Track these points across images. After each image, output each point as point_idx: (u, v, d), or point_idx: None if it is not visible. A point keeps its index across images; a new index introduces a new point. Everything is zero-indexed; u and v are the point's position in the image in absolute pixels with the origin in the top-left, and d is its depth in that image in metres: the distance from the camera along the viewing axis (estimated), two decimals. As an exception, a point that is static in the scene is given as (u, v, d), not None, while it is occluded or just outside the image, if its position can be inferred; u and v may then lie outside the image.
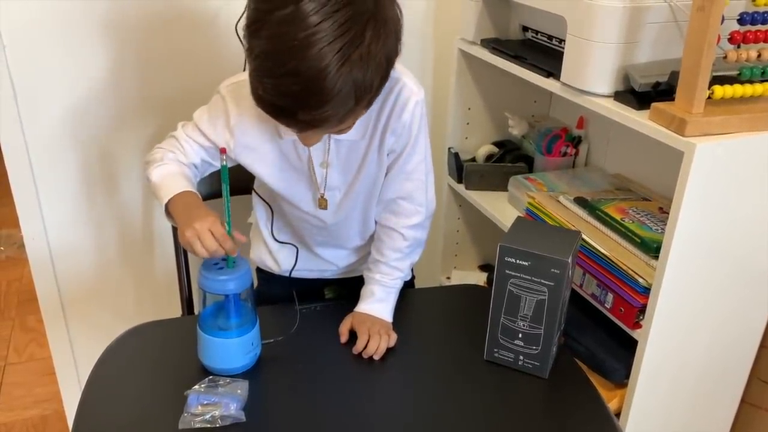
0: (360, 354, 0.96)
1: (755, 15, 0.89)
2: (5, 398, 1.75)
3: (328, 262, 1.11)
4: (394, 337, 0.98)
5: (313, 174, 0.97)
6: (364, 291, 1.04)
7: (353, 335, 0.98)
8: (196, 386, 0.86)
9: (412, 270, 1.23)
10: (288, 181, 0.98)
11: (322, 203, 0.99)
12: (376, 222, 1.06)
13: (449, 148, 1.45)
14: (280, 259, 1.11)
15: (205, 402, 0.84)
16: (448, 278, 1.58)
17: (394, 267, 1.04)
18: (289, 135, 0.92)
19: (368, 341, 0.95)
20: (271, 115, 0.80)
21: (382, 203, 1.03)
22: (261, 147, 0.95)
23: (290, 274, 1.10)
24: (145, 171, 0.97)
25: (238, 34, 1.17)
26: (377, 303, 1.01)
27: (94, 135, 1.29)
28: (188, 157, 0.98)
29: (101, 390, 0.90)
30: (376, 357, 0.95)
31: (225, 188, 0.84)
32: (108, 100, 1.27)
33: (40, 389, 1.77)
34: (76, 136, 1.28)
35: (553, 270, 0.85)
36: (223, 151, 0.83)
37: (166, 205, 0.91)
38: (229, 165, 0.94)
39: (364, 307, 1.01)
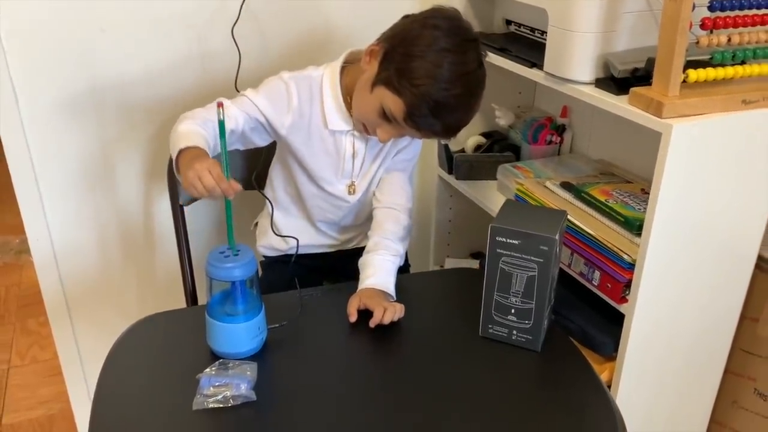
0: (360, 330, 1.00)
1: (724, 2, 0.94)
2: (10, 400, 1.78)
3: (330, 236, 1.26)
4: (402, 308, 1.03)
5: (343, 162, 1.14)
6: (366, 270, 1.08)
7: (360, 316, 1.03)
8: (207, 369, 0.90)
9: (407, 258, 1.29)
10: (322, 164, 1.14)
11: (352, 189, 1.17)
12: (372, 208, 1.18)
13: (439, 140, 1.50)
14: (287, 238, 1.21)
15: (217, 383, 0.88)
16: (442, 266, 1.63)
17: (395, 241, 1.12)
18: (335, 126, 1.10)
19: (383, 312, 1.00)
20: (422, 116, 0.99)
21: (384, 187, 1.18)
22: (309, 131, 1.11)
23: (296, 251, 1.19)
24: (177, 123, 1.03)
25: (233, 38, 1.23)
26: (382, 276, 1.06)
27: (94, 135, 1.32)
28: (233, 121, 1.05)
29: (116, 378, 0.93)
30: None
31: (222, 143, 0.87)
32: (108, 100, 1.30)
33: (44, 390, 1.80)
34: (76, 136, 1.31)
35: (541, 247, 0.89)
36: (220, 105, 0.87)
37: (178, 156, 0.97)
38: (272, 137, 1.13)
39: (370, 282, 1.05)
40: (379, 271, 1.07)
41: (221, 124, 0.87)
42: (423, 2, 1.46)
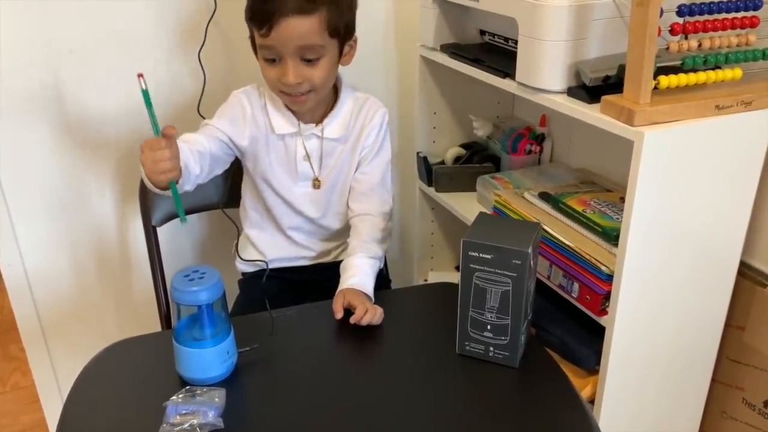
0: (335, 350, 1.01)
1: (692, 6, 0.93)
2: (-9, 428, 1.75)
3: (306, 248, 1.25)
4: (382, 312, 1.03)
5: (295, 164, 1.16)
6: (347, 272, 1.08)
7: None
8: (174, 397, 0.87)
9: (387, 269, 1.27)
10: (278, 171, 1.16)
11: (317, 184, 1.18)
12: (347, 216, 1.19)
13: (418, 153, 1.48)
14: (262, 249, 1.23)
15: (184, 411, 0.85)
16: (426, 280, 1.60)
17: (372, 244, 1.13)
18: (281, 130, 1.14)
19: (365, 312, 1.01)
20: (254, 11, 1.02)
21: (356, 194, 1.18)
22: (267, 139, 1.15)
23: (267, 267, 1.19)
24: None
25: (200, 61, 1.22)
26: (362, 277, 1.07)
27: (64, 157, 1.30)
28: (199, 145, 1.07)
29: (81, 408, 0.91)
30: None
31: (150, 111, 0.90)
32: (77, 123, 1.29)
33: (25, 417, 1.77)
34: (46, 159, 1.29)
35: (514, 261, 0.87)
36: (140, 75, 0.90)
37: None
38: (236, 154, 1.16)
39: (351, 282, 1.06)
40: (359, 273, 1.08)
41: (144, 94, 0.89)
42: (396, 10, 1.45)
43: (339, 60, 1.10)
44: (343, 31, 1.06)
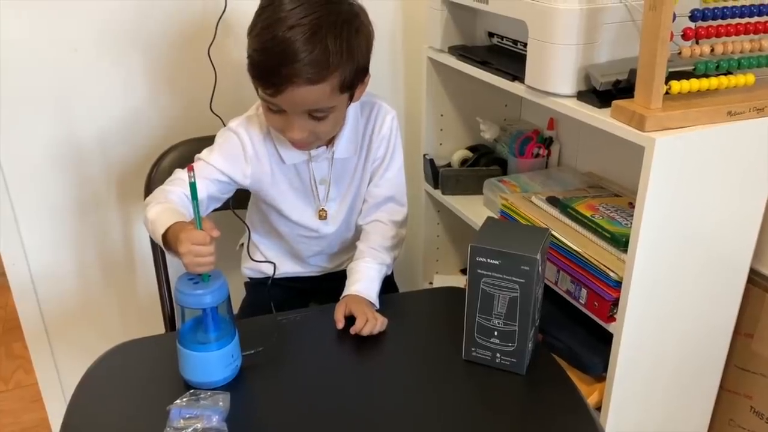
0: (340, 355, 0.99)
1: (705, 11, 0.92)
2: (-7, 427, 1.74)
3: (320, 267, 1.24)
4: (385, 321, 1.02)
5: (314, 190, 1.12)
6: (352, 277, 1.08)
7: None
8: (178, 400, 0.86)
9: (393, 279, 1.26)
10: (292, 201, 1.12)
11: (322, 214, 1.14)
12: (358, 226, 1.17)
13: (424, 155, 1.48)
14: (269, 257, 1.21)
15: (188, 415, 0.84)
16: (431, 283, 1.60)
17: (380, 250, 1.11)
18: (292, 160, 1.08)
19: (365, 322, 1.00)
20: (260, 74, 0.94)
21: (369, 207, 1.15)
22: (272, 173, 1.09)
23: (273, 274, 1.16)
24: (144, 211, 1.01)
25: (210, 58, 1.21)
26: (366, 283, 1.06)
27: (69, 157, 1.30)
28: (199, 189, 0.99)
29: (84, 410, 0.90)
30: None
31: (195, 204, 0.86)
32: (83, 122, 1.28)
33: (27, 416, 1.77)
34: (51, 159, 1.29)
35: (523, 267, 0.86)
36: (190, 168, 0.86)
37: (165, 239, 0.94)
38: (237, 187, 1.10)
39: (355, 288, 1.05)
40: (364, 278, 1.07)
41: (192, 186, 0.85)
42: (404, 11, 1.44)
43: (349, 103, 1.03)
44: (356, 80, 0.99)
